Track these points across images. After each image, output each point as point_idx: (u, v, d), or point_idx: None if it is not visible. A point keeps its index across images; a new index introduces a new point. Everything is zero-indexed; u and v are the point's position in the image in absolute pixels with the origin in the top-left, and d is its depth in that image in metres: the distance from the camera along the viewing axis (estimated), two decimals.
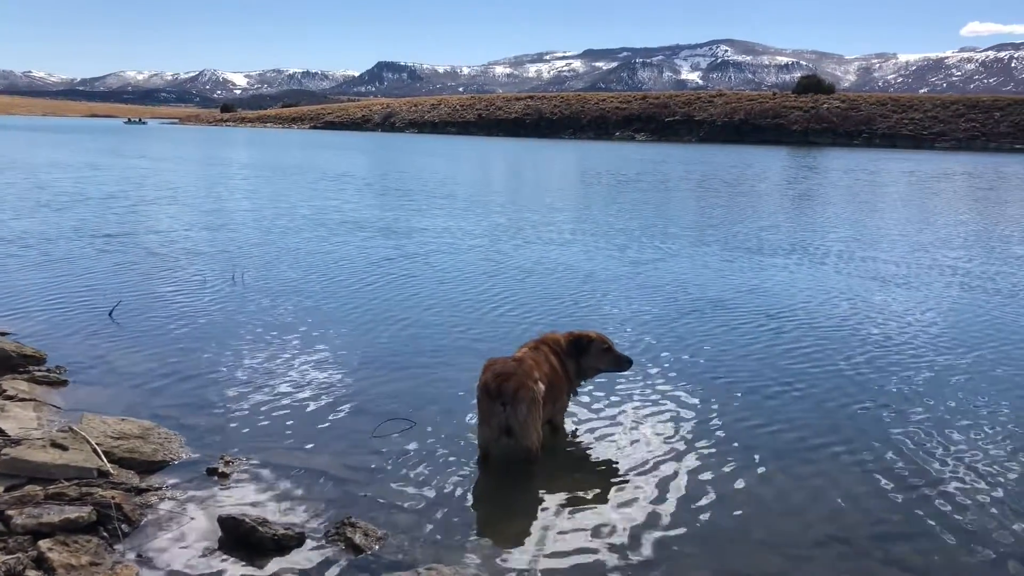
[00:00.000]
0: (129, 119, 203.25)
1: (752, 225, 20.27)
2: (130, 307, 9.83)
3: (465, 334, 9.18)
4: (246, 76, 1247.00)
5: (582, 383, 6.48)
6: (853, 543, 4.79)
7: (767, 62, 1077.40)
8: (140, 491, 5.06)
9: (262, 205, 22.64)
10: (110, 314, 9.42)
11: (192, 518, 4.82)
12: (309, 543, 4.59)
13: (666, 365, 8.10)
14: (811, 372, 8.07)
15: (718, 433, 6.42)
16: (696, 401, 7.12)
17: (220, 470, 5.41)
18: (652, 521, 5.00)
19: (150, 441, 5.74)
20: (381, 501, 5.13)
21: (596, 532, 4.85)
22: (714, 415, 6.81)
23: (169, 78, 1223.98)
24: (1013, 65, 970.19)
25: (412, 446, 5.96)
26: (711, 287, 12.14)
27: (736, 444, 6.20)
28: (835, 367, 8.27)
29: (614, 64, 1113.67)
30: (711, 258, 14.88)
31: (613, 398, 7.11)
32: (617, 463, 5.85)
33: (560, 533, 4.84)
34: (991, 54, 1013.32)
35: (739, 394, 7.34)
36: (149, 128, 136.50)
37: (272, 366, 7.75)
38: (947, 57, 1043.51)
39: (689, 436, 6.33)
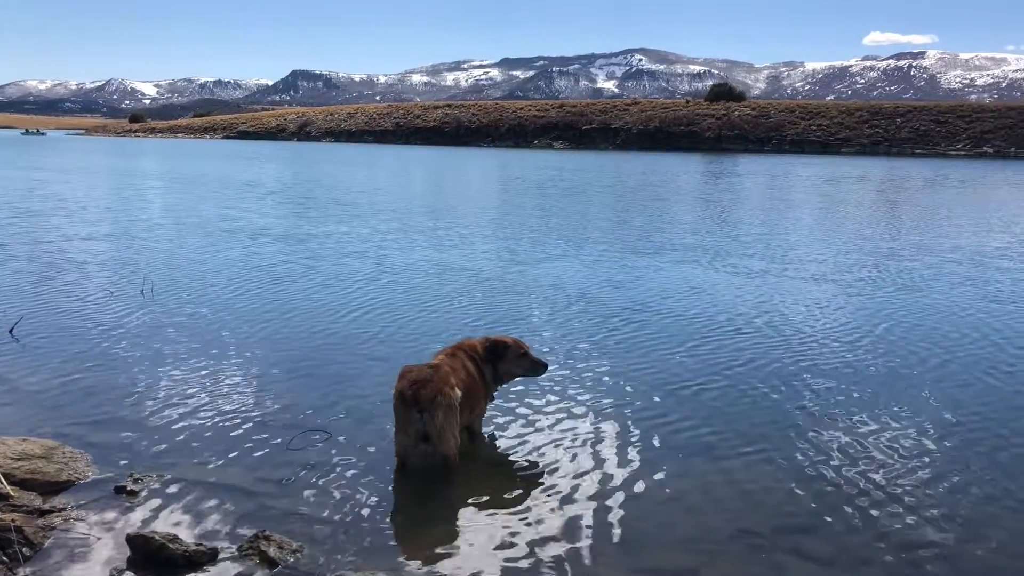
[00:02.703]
0: (27, 130, 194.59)
1: (641, 227, 20.83)
2: (32, 323, 9.47)
3: (375, 339, 9.18)
4: (155, 85, 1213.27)
5: (499, 388, 6.52)
6: (763, 536, 4.93)
7: (680, 71, 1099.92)
8: (43, 513, 4.88)
9: (160, 215, 22.18)
10: (10, 331, 9.06)
11: (99, 538, 4.68)
12: (222, 558, 4.50)
13: (570, 365, 8.22)
14: (683, 364, 8.36)
15: (625, 432, 6.54)
16: (598, 399, 7.24)
17: (129, 488, 5.25)
18: (569, 523, 5.06)
19: (54, 461, 5.54)
20: (297, 514, 5.06)
21: (515, 536, 4.88)
22: (619, 412, 6.94)
23: (74, 87, 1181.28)
24: (912, 73, 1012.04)
25: (328, 457, 5.90)
26: (584, 285, 12.60)
27: (643, 442, 6.32)
28: (717, 360, 8.59)
29: (531, 72, 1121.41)
30: (593, 258, 15.31)
31: (525, 401, 7.16)
32: (534, 466, 5.90)
33: (479, 538, 4.86)
34: (892, 63, 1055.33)
35: (638, 390, 7.51)
36: (49, 139, 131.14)
37: (182, 380, 7.57)
38: (851, 65, 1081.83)
39: (599, 436, 6.43)
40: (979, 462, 6.04)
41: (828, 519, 5.15)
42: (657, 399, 7.32)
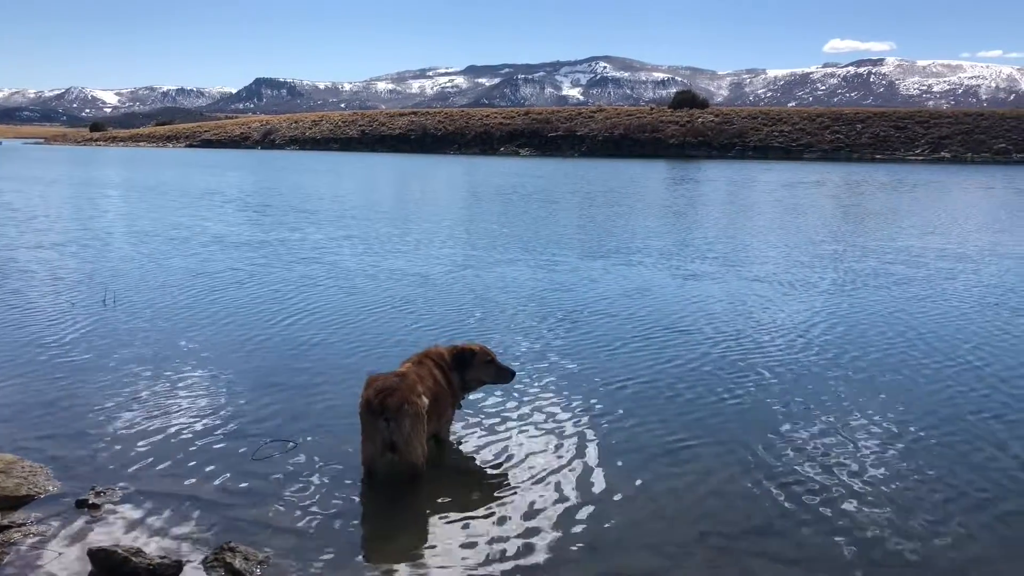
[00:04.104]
0: None
1: (593, 232, 21.01)
2: None
3: (338, 346, 9.18)
4: (117, 94, 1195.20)
5: (466, 396, 6.52)
6: (727, 537, 4.99)
7: (644, 78, 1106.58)
8: (2, 528, 4.81)
9: (119, 225, 21.85)
10: None
11: (60, 553, 4.61)
12: (187, 571, 4.46)
13: (529, 369, 8.25)
14: (642, 366, 8.47)
15: (586, 435, 6.59)
16: (559, 403, 7.28)
17: (91, 501, 5.19)
18: (535, 528, 5.08)
19: (13, 475, 5.45)
20: (263, 524, 5.03)
21: (483, 544, 4.89)
22: (580, 416, 7.00)
23: (32, 96, 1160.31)
24: (872, 80, 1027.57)
25: (294, 467, 5.87)
26: (530, 287, 12.84)
27: (605, 445, 6.37)
28: (676, 363, 8.69)
29: (497, 80, 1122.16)
30: (549, 262, 15.47)
31: (487, 407, 7.17)
32: (499, 473, 5.92)
33: (447, 547, 4.86)
34: (852, 69, 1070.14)
35: (598, 394, 7.58)
36: (5, 148, 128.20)
37: (145, 391, 7.48)
38: (812, 72, 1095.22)
39: (562, 440, 6.47)
40: (932, 461, 6.16)
41: (789, 520, 5.23)
42: (616, 402, 7.38)
